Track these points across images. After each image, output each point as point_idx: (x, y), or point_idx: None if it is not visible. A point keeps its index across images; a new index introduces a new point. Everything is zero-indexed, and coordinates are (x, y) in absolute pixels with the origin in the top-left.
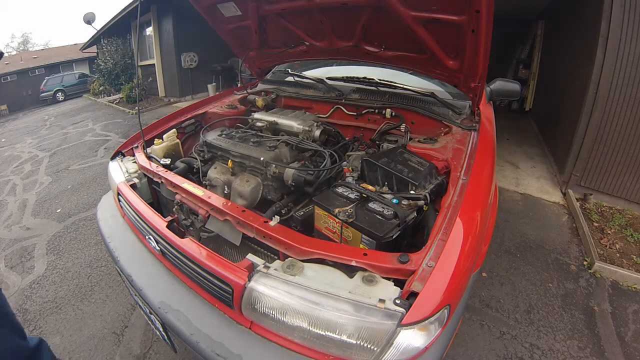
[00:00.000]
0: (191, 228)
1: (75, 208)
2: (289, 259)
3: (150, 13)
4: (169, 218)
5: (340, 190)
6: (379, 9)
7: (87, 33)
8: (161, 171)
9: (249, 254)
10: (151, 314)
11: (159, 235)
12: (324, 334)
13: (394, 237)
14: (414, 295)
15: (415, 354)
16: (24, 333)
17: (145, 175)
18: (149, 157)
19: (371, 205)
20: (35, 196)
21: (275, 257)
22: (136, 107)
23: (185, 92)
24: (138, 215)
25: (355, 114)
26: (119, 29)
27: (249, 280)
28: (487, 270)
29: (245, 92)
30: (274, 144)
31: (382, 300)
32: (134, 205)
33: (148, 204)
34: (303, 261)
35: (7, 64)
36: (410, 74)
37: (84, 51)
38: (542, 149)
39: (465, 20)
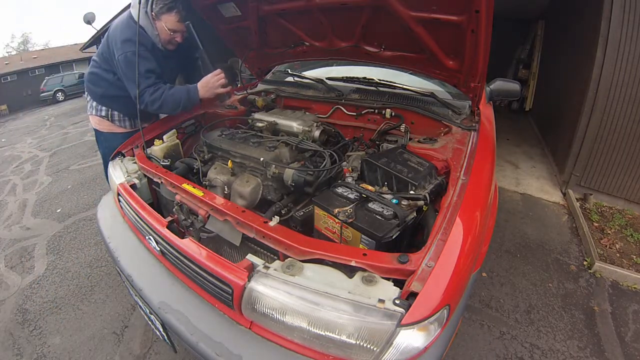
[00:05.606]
0: (191, 228)
1: (75, 208)
2: (289, 259)
3: None
4: (169, 218)
5: (340, 190)
6: (378, 9)
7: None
8: (161, 171)
9: (249, 254)
10: (151, 314)
11: (159, 236)
12: (323, 334)
13: (393, 237)
14: (413, 295)
15: (415, 354)
16: None
17: (145, 176)
18: (149, 158)
19: (371, 205)
20: (35, 196)
21: (275, 258)
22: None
23: None
24: (138, 216)
25: (355, 114)
26: None
27: (249, 281)
28: (487, 270)
29: (245, 92)
30: (273, 144)
31: (381, 301)
32: (134, 206)
33: (148, 204)
34: (303, 261)
35: (7, 64)
36: (410, 74)
37: (84, 51)
38: (542, 149)
39: (465, 20)
